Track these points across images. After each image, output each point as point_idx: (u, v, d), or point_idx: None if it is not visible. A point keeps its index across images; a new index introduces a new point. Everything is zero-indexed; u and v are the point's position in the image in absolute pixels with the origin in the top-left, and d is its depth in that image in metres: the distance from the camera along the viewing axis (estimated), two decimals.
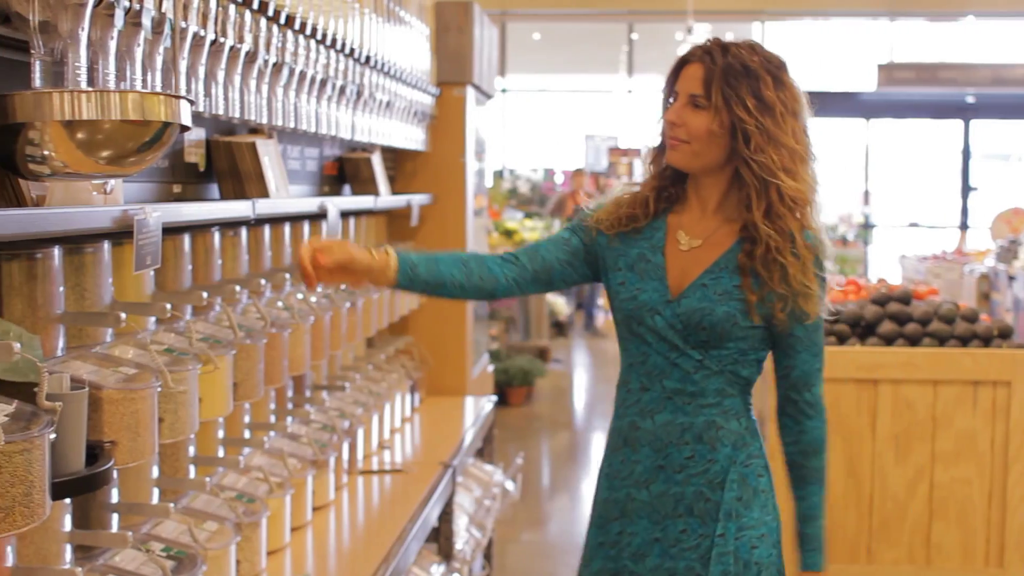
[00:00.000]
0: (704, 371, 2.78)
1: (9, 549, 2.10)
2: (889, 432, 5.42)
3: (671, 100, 2.79)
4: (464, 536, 4.73)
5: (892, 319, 5.60)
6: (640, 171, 2.97)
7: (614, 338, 2.96)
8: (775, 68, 2.75)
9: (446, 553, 4.46)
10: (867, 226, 17.90)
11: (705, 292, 2.76)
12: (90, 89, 2.00)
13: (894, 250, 14.33)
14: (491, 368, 6.84)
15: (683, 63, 2.76)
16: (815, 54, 19.26)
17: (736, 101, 2.68)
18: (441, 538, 4.44)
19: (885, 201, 19.18)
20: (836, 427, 5.36)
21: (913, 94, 17.99)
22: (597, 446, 8.87)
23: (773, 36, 18.53)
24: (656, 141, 2.88)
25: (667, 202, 2.87)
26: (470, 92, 5.63)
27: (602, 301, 16.87)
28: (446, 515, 4.43)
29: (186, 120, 2.11)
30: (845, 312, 5.65)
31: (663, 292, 2.79)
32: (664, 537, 2.80)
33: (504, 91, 17.50)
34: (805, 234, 2.73)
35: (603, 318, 16.34)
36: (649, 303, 2.79)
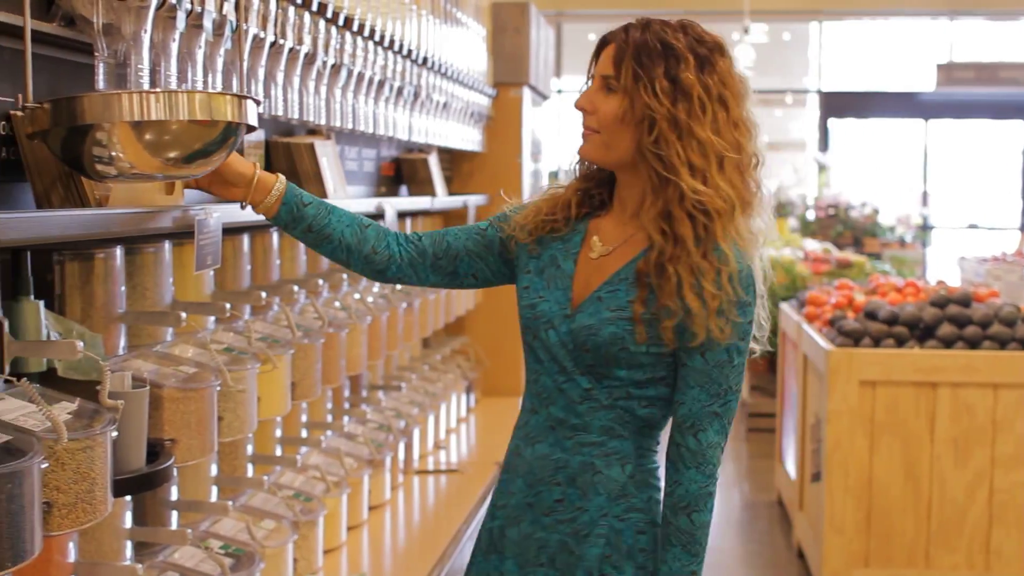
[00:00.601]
0: (591, 403, 2.35)
1: (71, 545, 2.12)
2: (948, 436, 5.37)
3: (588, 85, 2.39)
4: None
5: (951, 321, 5.54)
6: None
7: None
8: (705, 49, 2.31)
9: None
10: (925, 227, 17.71)
11: (598, 307, 2.33)
12: (158, 90, 2.02)
13: (953, 252, 14.18)
14: None
15: (603, 43, 2.36)
16: (874, 54, 19.09)
17: (646, 83, 2.26)
18: None
19: (944, 202, 18.98)
20: (895, 430, 5.33)
21: (973, 94, 17.78)
22: None
23: (831, 36, 18.39)
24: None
25: (592, 206, 2.46)
26: (526, 93, 5.63)
27: None
28: None
29: (253, 120, 2.12)
30: (903, 314, 5.59)
31: (563, 304, 2.38)
32: None
33: (560, 92, 17.50)
34: (715, 247, 2.27)
35: None
36: (546, 315, 2.40)
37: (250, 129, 2.15)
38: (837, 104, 18.55)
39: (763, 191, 2.37)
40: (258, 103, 2.18)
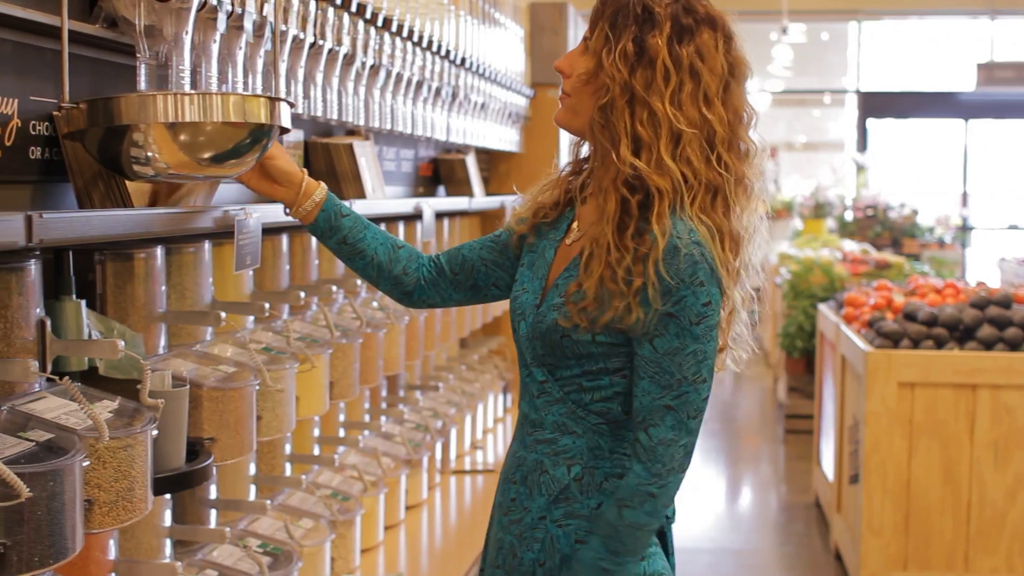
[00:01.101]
0: (545, 397, 2.18)
1: (111, 542, 2.14)
2: (988, 438, 5.33)
3: None
4: None
5: (992, 323, 5.50)
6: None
7: None
8: (691, 19, 2.12)
9: None
10: (965, 228, 17.60)
11: (553, 295, 2.18)
12: (192, 91, 2.03)
13: (993, 253, 14.07)
14: None
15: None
16: (913, 54, 18.99)
17: (612, 45, 2.10)
18: None
19: (984, 203, 18.86)
20: (934, 432, 5.29)
21: (1013, 94, 17.65)
22: None
23: (870, 36, 18.30)
24: None
25: (585, 188, 2.28)
26: None
27: None
28: None
29: (286, 122, 2.13)
30: (943, 316, 5.56)
31: (536, 295, 2.23)
32: None
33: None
34: (646, 229, 2.06)
35: None
36: (522, 306, 2.25)
37: (284, 131, 2.16)
38: (876, 104, 18.46)
39: (748, 184, 2.15)
40: (292, 105, 2.19)
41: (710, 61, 2.11)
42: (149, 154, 1.96)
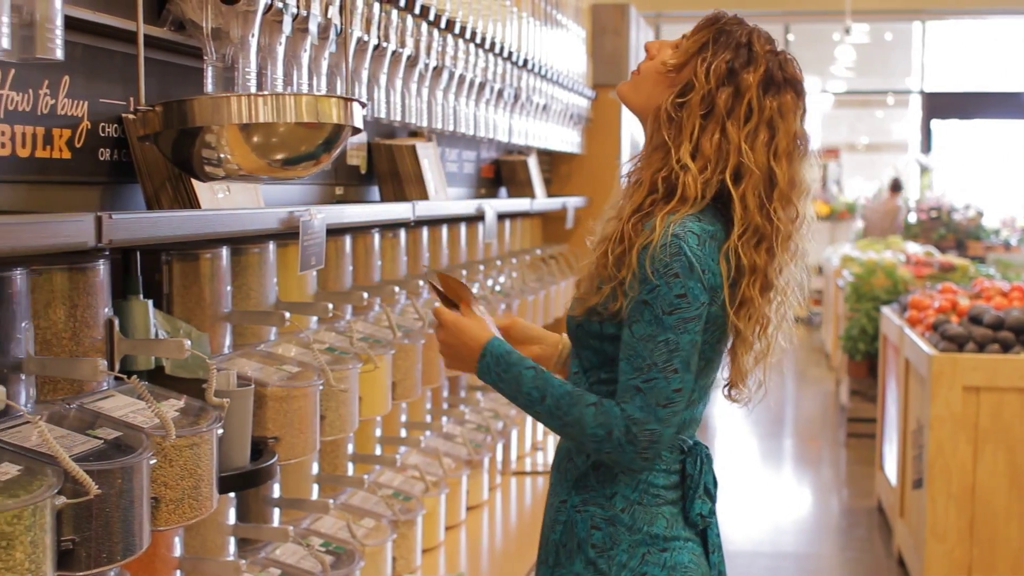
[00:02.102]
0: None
1: (177, 540, 2.16)
2: None
3: None
4: None
5: None
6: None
7: None
8: (783, 75, 2.24)
9: None
10: None
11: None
12: (265, 93, 2.05)
13: None
14: None
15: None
16: (978, 54, 18.79)
17: (706, 56, 2.21)
18: None
19: None
20: (999, 437, 5.23)
21: None
22: (749, 451, 8.79)
23: (934, 36, 18.12)
24: None
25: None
26: None
27: None
28: None
29: (358, 122, 2.14)
30: (1009, 319, 5.49)
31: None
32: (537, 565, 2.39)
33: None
34: (648, 223, 2.16)
35: None
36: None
37: (355, 131, 2.17)
38: (940, 105, 18.26)
39: (793, 244, 2.24)
40: (363, 105, 2.20)
41: (787, 121, 2.22)
42: (221, 155, 1.98)
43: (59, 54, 1.61)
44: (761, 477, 8.02)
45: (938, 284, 7.46)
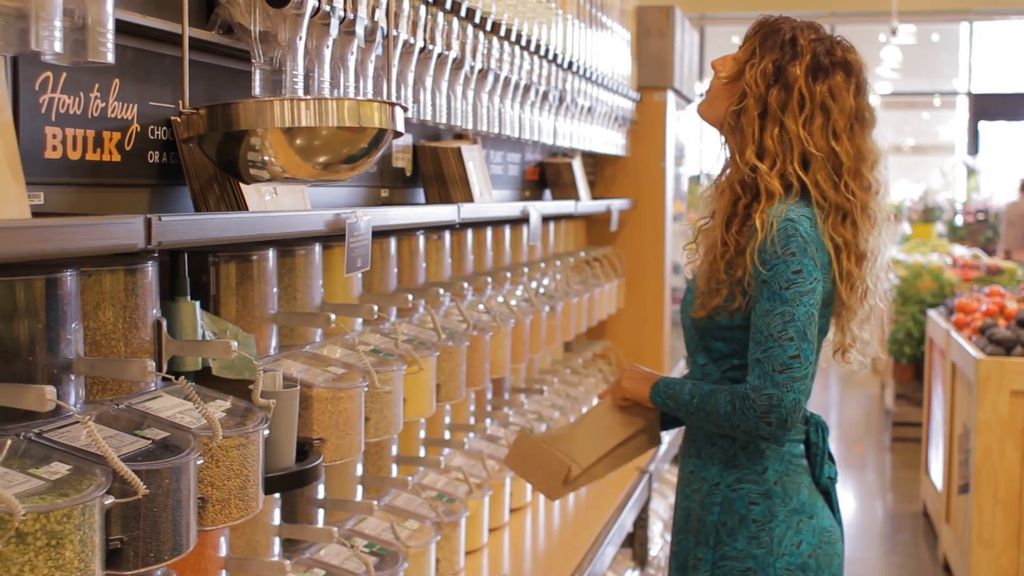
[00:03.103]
0: (708, 379, 2.55)
1: (223, 540, 2.17)
2: None
3: None
4: (659, 543, 4.71)
5: None
6: None
7: None
8: (829, 60, 2.43)
9: (640, 559, 4.45)
10: None
11: (692, 288, 2.58)
12: (308, 97, 2.06)
13: None
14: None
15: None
16: None
17: (756, 61, 2.44)
18: (636, 544, 4.43)
19: None
20: None
21: None
22: None
23: (981, 36, 17.97)
24: None
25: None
26: (670, 96, 5.61)
27: None
28: (641, 521, 4.42)
29: (400, 126, 2.15)
30: None
31: (691, 291, 2.60)
32: (677, 551, 2.61)
33: (702, 95, 17.40)
34: (748, 224, 2.40)
35: None
36: (685, 301, 2.62)
37: (397, 135, 2.18)
38: (988, 106, 18.11)
39: (873, 213, 2.45)
40: (405, 109, 2.21)
41: (840, 101, 2.41)
42: (266, 158, 1.99)
43: (110, 58, 1.63)
44: None
45: (985, 287, 7.40)
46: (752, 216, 2.37)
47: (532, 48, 3.56)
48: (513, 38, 3.35)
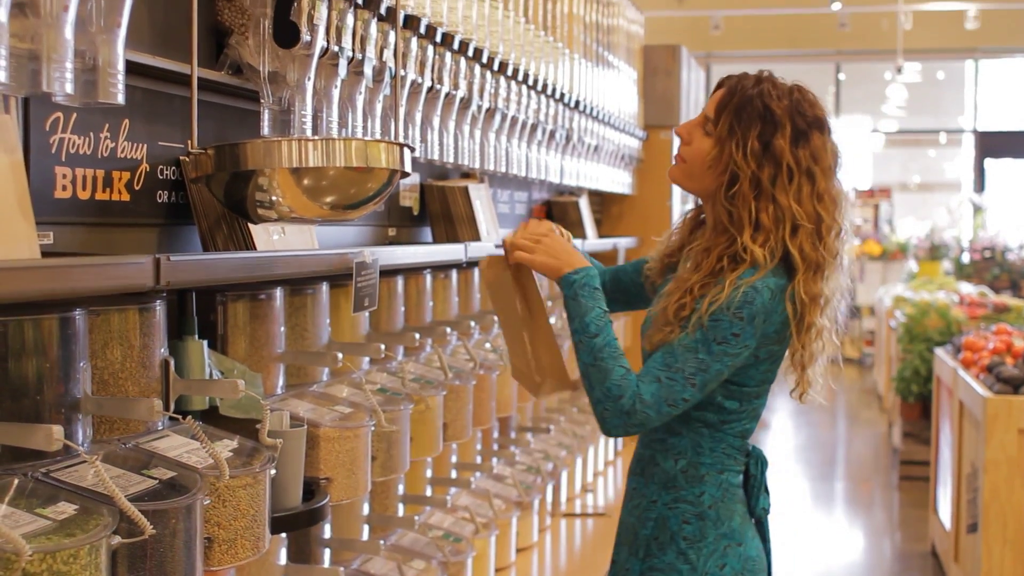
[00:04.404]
0: None
1: None
2: None
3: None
4: None
5: None
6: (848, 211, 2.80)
7: None
8: (805, 122, 2.45)
9: None
10: None
11: (648, 320, 2.56)
12: (316, 137, 2.07)
13: None
14: None
15: (719, 85, 2.54)
16: None
17: (739, 139, 2.43)
18: None
19: None
20: None
21: None
22: (800, 493, 8.71)
23: (987, 75, 18.00)
24: None
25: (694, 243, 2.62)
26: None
27: None
28: None
29: (407, 166, 2.16)
30: None
31: (648, 323, 2.57)
32: (613, 563, 2.68)
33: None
34: (717, 280, 2.40)
35: None
36: (643, 332, 2.60)
37: (404, 175, 2.19)
38: (993, 144, 18.13)
39: (840, 259, 2.49)
40: (412, 150, 2.22)
41: (822, 162, 2.46)
42: (273, 198, 2.00)
43: (120, 98, 1.64)
44: (812, 520, 7.94)
45: (992, 325, 7.39)
46: (725, 277, 2.39)
47: (539, 87, 3.57)
48: (520, 77, 3.36)
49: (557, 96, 3.77)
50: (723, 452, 2.52)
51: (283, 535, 2.37)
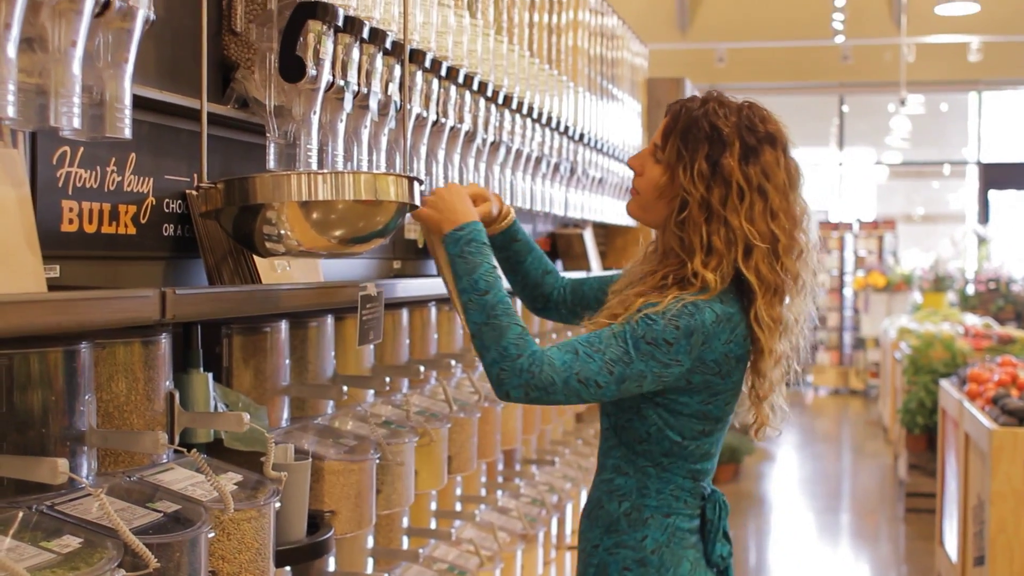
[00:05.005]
0: (607, 443, 2.44)
1: None
2: None
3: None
4: None
5: None
6: (851, 245, 2.76)
7: (823, 415, 2.80)
8: (755, 138, 2.32)
9: None
10: None
11: None
12: (325, 171, 2.07)
13: None
14: None
15: (666, 111, 2.42)
16: None
17: (686, 163, 2.31)
18: None
19: None
20: None
21: None
22: (806, 526, 8.68)
23: (990, 106, 18.04)
24: None
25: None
26: None
27: (810, 378, 16.56)
28: None
29: (416, 199, 2.17)
30: None
31: None
32: None
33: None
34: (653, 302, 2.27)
35: (811, 395, 16.02)
36: None
37: (412, 208, 2.20)
38: (997, 175, 18.15)
39: (803, 281, 2.36)
40: (421, 183, 2.23)
41: (774, 178, 2.32)
42: (282, 232, 2.00)
43: (127, 133, 1.65)
44: (818, 552, 7.91)
45: (997, 357, 7.38)
46: (666, 294, 2.28)
47: (543, 120, 3.59)
48: (525, 111, 3.38)
49: (562, 129, 3.79)
50: (671, 494, 2.37)
51: (287, 568, 2.36)
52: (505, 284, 2.43)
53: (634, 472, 2.37)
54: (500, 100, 3.16)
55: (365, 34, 2.29)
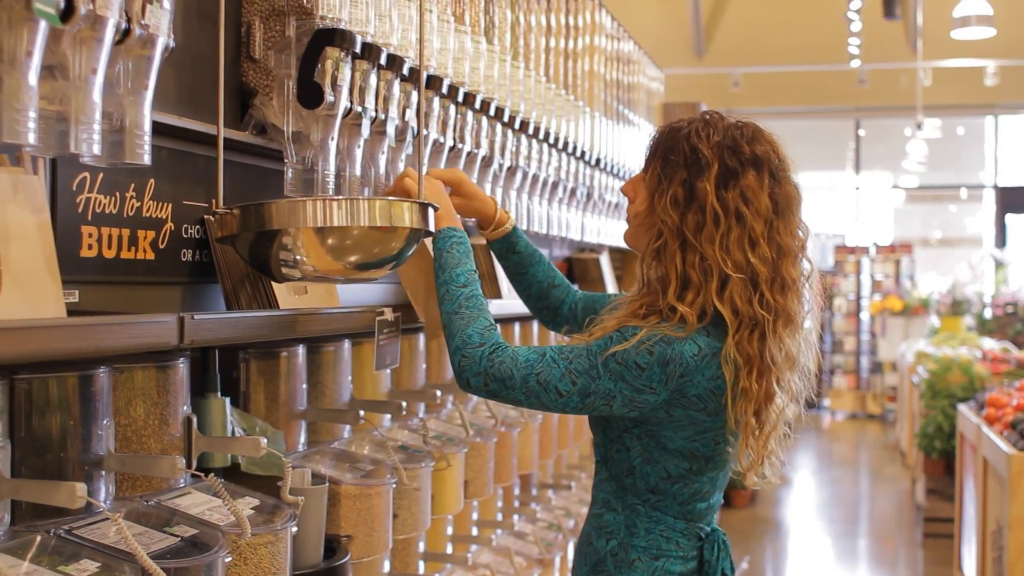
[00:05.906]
0: (599, 476, 2.33)
1: None
2: None
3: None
4: None
5: None
6: (868, 269, 2.66)
7: (841, 439, 2.72)
8: (737, 160, 2.17)
9: None
10: None
11: None
12: (340, 197, 2.08)
13: None
14: None
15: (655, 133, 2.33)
16: None
17: (664, 188, 2.19)
18: None
19: None
20: None
21: None
22: (823, 551, 8.64)
23: (1007, 130, 18.02)
24: None
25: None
26: None
27: (827, 402, 16.51)
28: None
29: (431, 225, 2.17)
30: None
31: None
32: None
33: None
34: (635, 328, 2.16)
35: (828, 419, 15.96)
36: None
37: (428, 234, 2.20)
38: (1014, 199, 18.11)
39: (792, 317, 2.20)
40: (436, 209, 2.23)
41: (755, 203, 2.17)
42: (297, 257, 2.01)
43: (147, 159, 1.66)
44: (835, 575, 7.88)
45: (1016, 381, 7.36)
46: (645, 324, 2.15)
47: (560, 145, 3.60)
48: (541, 136, 3.39)
49: (578, 154, 3.80)
50: (660, 535, 2.24)
51: None
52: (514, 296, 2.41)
53: (623, 508, 2.26)
54: (517, 125, 3.17)
55: (383, 60, 2.30)
